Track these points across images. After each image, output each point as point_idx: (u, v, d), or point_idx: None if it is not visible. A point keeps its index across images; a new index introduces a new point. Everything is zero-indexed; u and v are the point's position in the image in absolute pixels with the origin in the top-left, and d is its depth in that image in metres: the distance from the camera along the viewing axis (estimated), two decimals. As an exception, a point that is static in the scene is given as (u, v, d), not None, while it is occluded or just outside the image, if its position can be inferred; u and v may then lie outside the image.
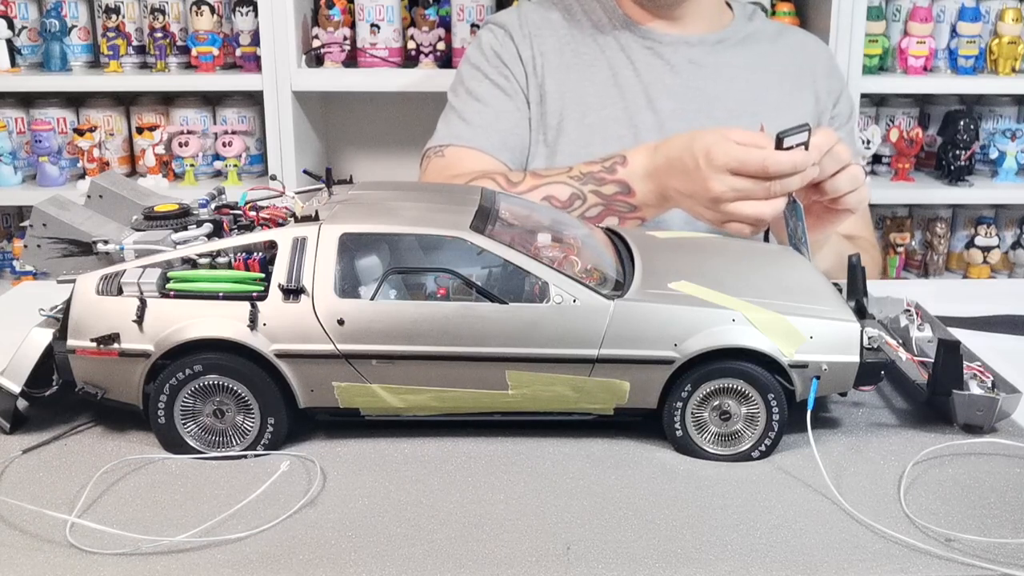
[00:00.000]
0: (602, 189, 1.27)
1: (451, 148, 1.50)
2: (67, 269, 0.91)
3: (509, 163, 1.50)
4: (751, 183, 1.12)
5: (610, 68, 1.53)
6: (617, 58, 1.53)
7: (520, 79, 1.54)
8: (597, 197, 1.27)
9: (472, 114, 1.53)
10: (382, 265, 0.87)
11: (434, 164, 1.51)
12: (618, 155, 1.28)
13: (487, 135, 1.50)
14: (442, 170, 1.48)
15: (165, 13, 2.32)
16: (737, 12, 1.60)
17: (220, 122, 2.38)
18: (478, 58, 1.57)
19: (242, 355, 0.84)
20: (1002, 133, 2.39)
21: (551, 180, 1.31)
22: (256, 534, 0.74)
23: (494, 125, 1.51)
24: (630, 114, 1.50)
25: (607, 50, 1.54)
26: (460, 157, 1.49)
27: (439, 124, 1.56)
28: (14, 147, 2.37)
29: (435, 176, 1.48)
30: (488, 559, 0.71)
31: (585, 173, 1.28)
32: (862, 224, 1.58)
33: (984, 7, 2.33)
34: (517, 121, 1.53)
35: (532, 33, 1.56)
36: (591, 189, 1.27)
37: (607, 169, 1.27)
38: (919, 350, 1.00)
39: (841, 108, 1.62)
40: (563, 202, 1.28)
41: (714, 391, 0.86)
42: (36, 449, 0.87)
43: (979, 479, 0.82)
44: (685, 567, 0.70)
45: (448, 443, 0.88)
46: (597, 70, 1.53)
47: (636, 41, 1.53)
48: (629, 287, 0.87)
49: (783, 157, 1.11)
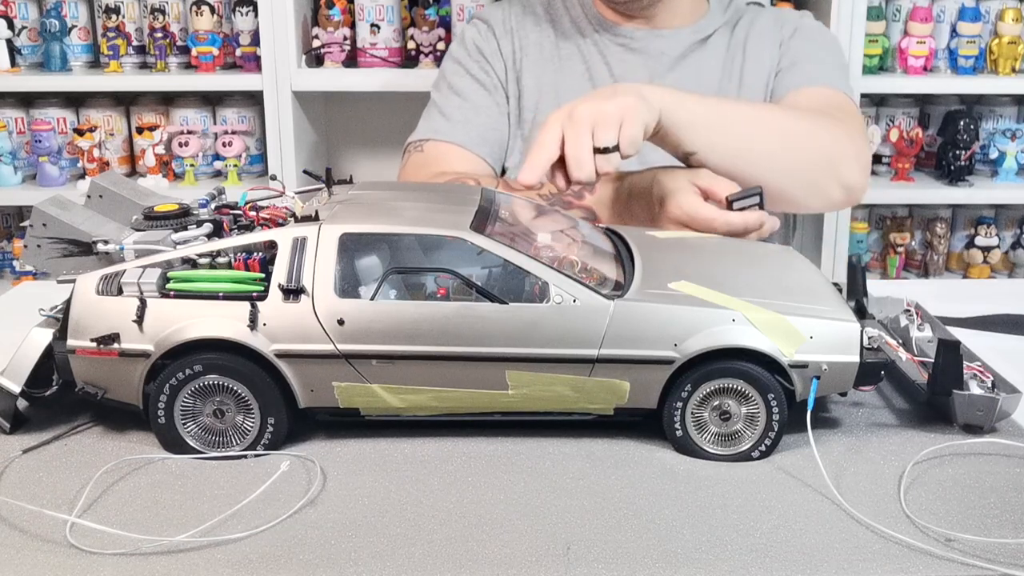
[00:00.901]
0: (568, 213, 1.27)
1: (430, 143, 1.51)
2: (67, 269, 0.91)
3: (488, 158, 1.51)
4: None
5: (584, 63, 1.54)
6: (592, 54, 1.54)
7: (500, 74, 1.55)
8: None
9: (452, 109, 1.53)
10: (382, 265, 0.87)
11: (413, 159, 1.51)
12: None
13: (466, 130, 1.51)
14: (421, 166, 1.48)
15: (165, 13, 2.32)
16: (713, 5, 1.58)
17: (220, 122, 2.38)
18: (460, 53, 1.58)
19: (242, 355, 0.84)
20: (1002, 133, 2.39)
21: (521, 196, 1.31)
22: (256, 534, 0.74)
23: (473, 120, 1.52)
24: None
25: (583, 46, 1.54)
26: (439, 152, 1.49)
27: (421, 119, 1.57)
28: (14, 147, 2.37)
29: (414, 171, 1.49)
30: (488, 559, 0.71)
31: (554, 194, 1.28)
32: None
33: (984, 7, 2.33)
34: (496, 116, 1.54)
35: (515, 28, 1.57)
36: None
37: (575, 194, 1.27)
38: (919, 350, 1.00)
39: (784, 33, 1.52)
40: None
41: (714, 391, 0.86)
42: (36, 449, 0.87)
43: (979, 479, 0.82)
44: (685, 567, 0.70)
45: (448, 443, 0.88)
46: (573, 64, 1.54)
47: (610, 39, 1.54)
48: (629, 287, 0.87)
49: (734, 218, 1.12)
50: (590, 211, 1.26)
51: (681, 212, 1.14)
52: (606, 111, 1.07)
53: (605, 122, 1.06)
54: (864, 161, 1.37)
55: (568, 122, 1.07)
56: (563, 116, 1.08)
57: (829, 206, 1.51)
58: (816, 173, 1.31)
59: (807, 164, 1.30)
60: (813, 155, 1.31)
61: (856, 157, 1.35)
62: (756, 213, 1.12)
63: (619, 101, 1.09)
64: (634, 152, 1.09)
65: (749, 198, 1.12)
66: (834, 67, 1.52)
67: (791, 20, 1.56)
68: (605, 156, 1.06)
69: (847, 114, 1.41)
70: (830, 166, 1.32)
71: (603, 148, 1.06)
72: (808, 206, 1.42)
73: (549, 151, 1.07)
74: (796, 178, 1.29)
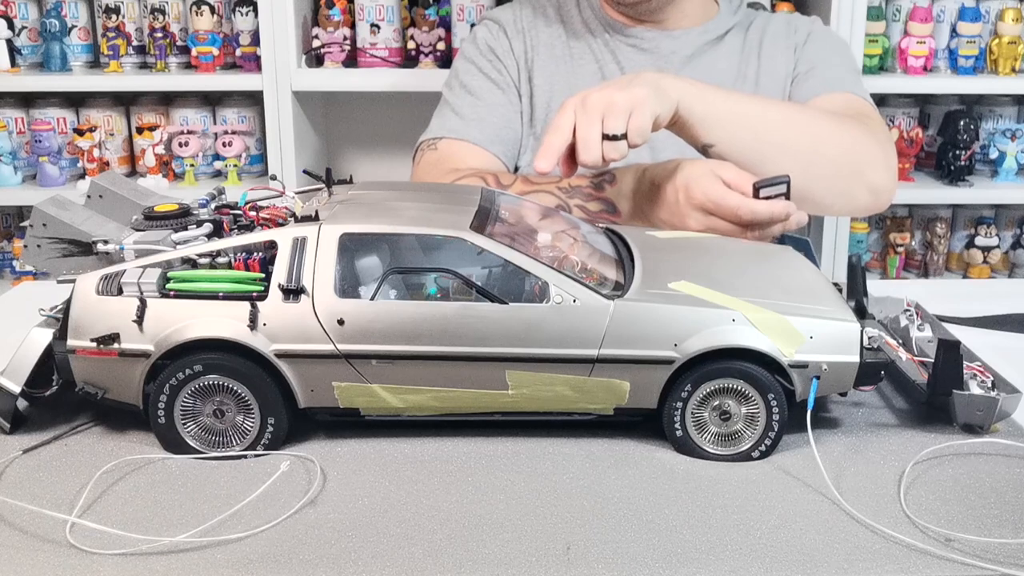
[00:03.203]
0: (588, 205, 1.27)
1: (444, 141, 1.51)
2: (67, 269, 0.91)
3: (501, 156, 1.50)
4: (727, 225, 1.12)
5: (597, 63, 1.54)
6: (603, 53, 1.54)
7: (512, 73, 1.55)
8: (582, 212, 1.27)
9: (465, 108, 1.53)
10: (382, 265, 0.87)
11: (427, 157, 1.51)
12: (608, 173, 1.28)
13: (480, 128, 1.51)
14: (435, 163, 1.48)
15: (165, 13, 2.32)
16: (723, 6, 1.59)
17: (220, 122, 2.38)
18: (472, 52, 1.58)
19: (242, 355, 0.84)
20: (1002, 133, 2.39)
21: (540, 188, 1.31)
22: (256, 534, 0.74)
23: (487, 119, 1.52)
24: None
25: (594, 46, 1.55)
26: (453, 150, 1.49)
27: (433, 118, 1.57)
28: (14, 147, 2.37)
29: (428, 169, 1.48)
30: (488, 559, 0.71)
31: (574, 186, 1.28)
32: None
33: (984, 7, 2.33)
34: (510, 115, 1.54)
35: (526, 28, 1.57)
36: (577, 203, 1.28)
37: (595, 186, 1.27)
38: (919, 350, 1.00)
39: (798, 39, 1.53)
40: None
41: (714, 391, 0.86)
42: (36, 449, 0.87)
43: (979, 479, 0.82)
44: (685, 567, 0.70)
45: (448, 443, 0.88)
46: (585, 64, 1.54)
47: (621, 40, 1.54)
48: (629, 287, 0.87)
49: (759, 207, 1.10)
50: (610, 203, 1.26)
51: (705, 198, 1.13)
52: (616, 100, 1.08)
53: (615, 111, 1.08)
54: (892, 164, 1.35)
55: (581, 108, 1.09)
56: (577, 102, 1.10)
57: (854, 209, 1.48)
58: (842, 174, 1.29)
59: (832, 164, 1.28)
60: (839, 155, 1.29)
61: (884, 160, 1.33)
62: (782, 203, 1.11)
63: (631, 92, 1.10)
64: (641, 141, 1.09)
65: (776, 185, 1.10)
66: (850, 71, 1.53)
67: (803, 25, 1.56)
68: (613, 143, 1.08)
69: (871, 119, 1.40)
70: (857, 167, 1.30)
71: (612, 136, 1.07)
72: (832, 208, 1.40)
73: (564, 135, 1.09)
74: (820, 178, 1.27)
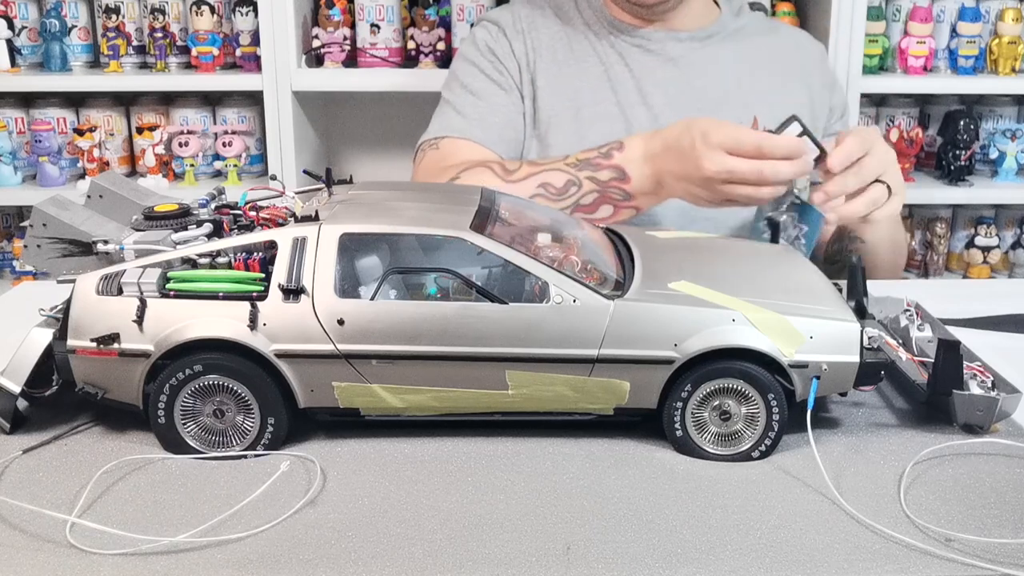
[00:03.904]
0: (598, 175, 1.27)
1: (446, 140, 1.50)
2: (67, 269, 0.91)
3: (504, 155, 1.50)
4: (744, 164, 1.14)
5: (602, 64, 1.54)
6: (609, 54, 1.54)
7: (514, 74, 1.55)
8: (592, 183, 1.27)
9: (467, 107, 1.53)
10: (382, 265, 0.87)
11: (429, 156, 1.50)
12: (615, 142, 1.29)
13: (482, 127, 1.50)
14: (438, 162, 1.47)
15: (165, 13, 2.32)
16: (724, 9, 1.60)
17: (220, 122, 2.38)
18: (472, 53, 1.58)
19: (242, 355, 0.84)
20: (1002, 133, 2.39)
21: (547, 168, 1.31)
22: (256, 534, 0.74)
23: (489, 118, 1.51)
24: (623, 108, 1.51)
25: (599, 48, 1.55)
26: (456, 148, 1.49)
27: (433, 119, 1.56)
28: (14, 147, 2.37)
29: (430, 168, 1.48)
30: (488, 559, 0.71)
31: (582, 160, 1.29)
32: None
33: (984, 7, 2.33)
34: (512, 115, 1.53)
35: (525, 29, 1.57)
36: (587, 175, 1.28)
37: (603, 155, 1.28)
38: (919, 350, 1.00)
39: (835, 101, 1.63)
40: (558, 189, 1.28)
41: (714, 391, 0.85)
42: (36, 449, 0.87)
43: (979, 479, 0.82)
44: (685, 567, 0.70)
45: (448, 443, 0.88)
46: (590, 65, 1.54)
47: (626, 40, 1.54)
48: (629, 287, 0.87)
49: (780, 140, 1.14)
50: (619, 169, 1.27)
51: (727, 137, 1.15)
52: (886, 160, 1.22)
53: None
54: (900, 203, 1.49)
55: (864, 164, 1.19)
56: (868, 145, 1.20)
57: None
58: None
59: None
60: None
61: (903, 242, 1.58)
62: (800, 140, 1.15)
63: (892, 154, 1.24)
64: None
65: (790, 125, 1.16)
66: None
67: (831, 71, 1.68)
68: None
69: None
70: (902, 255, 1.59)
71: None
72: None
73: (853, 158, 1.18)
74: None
